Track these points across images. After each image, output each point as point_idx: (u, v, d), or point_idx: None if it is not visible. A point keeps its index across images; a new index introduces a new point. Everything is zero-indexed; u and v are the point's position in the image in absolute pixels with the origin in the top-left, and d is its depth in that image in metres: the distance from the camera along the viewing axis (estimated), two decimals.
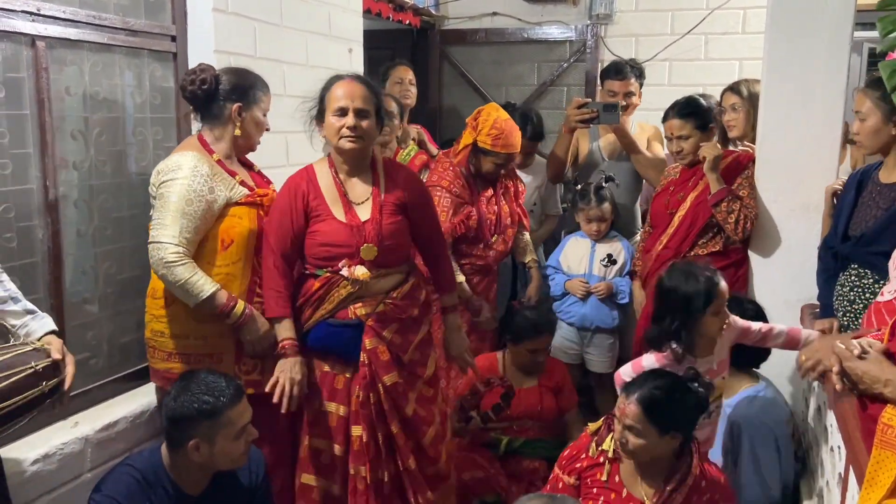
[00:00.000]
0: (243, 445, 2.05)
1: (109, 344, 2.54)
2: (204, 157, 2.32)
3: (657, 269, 3.05)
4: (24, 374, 1.76)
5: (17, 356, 1.78)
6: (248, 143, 2.47)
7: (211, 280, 2.25)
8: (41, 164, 2.24)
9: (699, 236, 2.99)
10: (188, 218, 2.22)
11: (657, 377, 2.15)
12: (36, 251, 2.27)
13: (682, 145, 3.04)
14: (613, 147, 3.66)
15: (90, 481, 2.27)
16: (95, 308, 2.50)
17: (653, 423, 2.05)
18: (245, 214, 2.37)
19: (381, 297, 2.39)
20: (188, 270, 2.20)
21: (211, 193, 2.27)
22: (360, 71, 3.79)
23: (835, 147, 2.85)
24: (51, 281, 2.31)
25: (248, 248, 2.37)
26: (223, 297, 2.27)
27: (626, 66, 3.66)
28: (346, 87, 2.33)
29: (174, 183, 2.24)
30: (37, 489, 2.13)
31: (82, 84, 2.38)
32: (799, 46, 2.82)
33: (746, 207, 2.90)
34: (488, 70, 5.09)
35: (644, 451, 2.10)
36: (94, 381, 2.46)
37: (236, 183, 2.37)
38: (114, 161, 2.52)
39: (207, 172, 2.28)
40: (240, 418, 2.03)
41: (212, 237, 2.31)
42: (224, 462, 2.04)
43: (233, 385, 2.06)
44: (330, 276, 2.37)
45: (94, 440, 2.31)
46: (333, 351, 2.42)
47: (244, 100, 2.39)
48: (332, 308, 2.37)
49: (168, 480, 2.04)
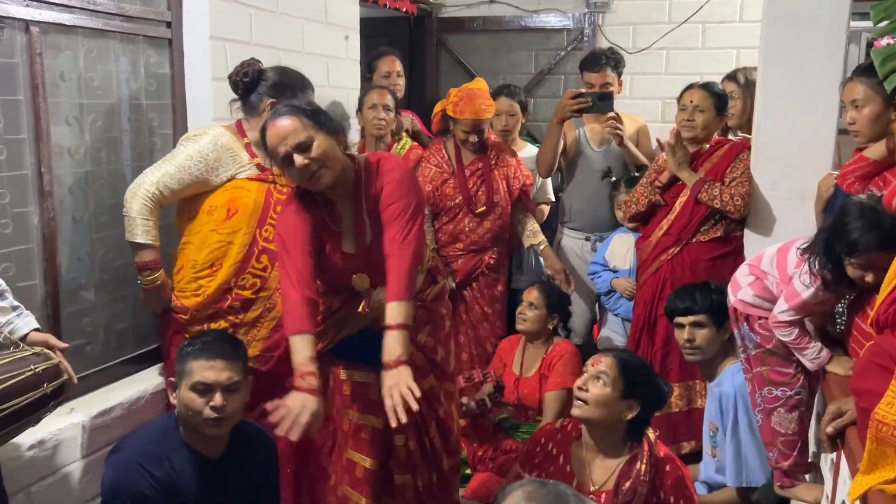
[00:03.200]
0: (199, 404, 1.99)
1: (105, 330, 2.54)
2: (231, 136, 2.45)
3: (657, 257, 3.05)
4: (24, 377, 1.77)
5: (15, 360, 1.80)
6: (255, 139, 2.44)
7: (153, 235, 2.34)
8: (36, 150, 2.23)
9: (702, 223, 2.98)
10: (181, 172, 2.35)
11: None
12: (31, 237, 2.26)
13: (695, 116, 2.99)
14: (601, 136, 3.65)
15: (86, 467, 2.28)
16: (91, 295, 2.50)
17: (622, 376, 2.10)
18: (254, 188, 2.44)
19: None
20: (142, 211, 2.32)
21: (217, 162, 2.40)
22: (356, 58, 3.78)
23: (831, 136, 2.84)
24: (46, 267, 2.30)
25: (251, 219, 2.42)
26: (147, 256, 2.35)
27: (602, 56, 3.62)
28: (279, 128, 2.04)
29: (190, 143, 2.41)
30: (32, 475, 2.13)
31: (77, 70, 2.36)
32: (796, 35, 2.81)
33: (731, 186, 2.90)
34: (486, 58, 5.06)
35: (601, 406, 2.08)
36: (90, 367, 2.46)
37: (253, 164, 2.46)
38: (109, 147, 2.51)
39: (224, 146, 2.42)
40: (200, 372, 1.99)
41: (219, 206, 2.41)
42: (189, 415, 2.02)
43: (220, 344, 2.06)
44: (345, 296, 2.26)
45: (89, 426, 2.31)
46: (367, 361, 2.21)
47: (280, 97, 2.40)
48: (359, 324, 2.27)
49: (181, 441, 2.06)
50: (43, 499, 2.16)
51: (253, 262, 2.43)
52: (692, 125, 3.01)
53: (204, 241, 2.41)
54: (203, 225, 2.42)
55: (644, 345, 3.09)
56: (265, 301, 2.46)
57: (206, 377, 2.00)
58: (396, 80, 3.77)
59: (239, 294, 2.43)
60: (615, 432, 2.13)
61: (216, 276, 2.40)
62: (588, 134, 3.67)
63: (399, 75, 3.79)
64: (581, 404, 2.12)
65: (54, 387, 1.85)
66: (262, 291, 2.45)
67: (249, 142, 2.47)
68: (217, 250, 2.41)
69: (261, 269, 2.44)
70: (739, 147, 3.03)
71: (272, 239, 2.38)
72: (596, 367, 2.14)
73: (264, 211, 2.44)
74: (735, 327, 2.37)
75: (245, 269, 2.42)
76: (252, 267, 2.43)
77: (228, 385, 2.02)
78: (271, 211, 2.44)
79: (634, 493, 2.06)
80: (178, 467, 2.04)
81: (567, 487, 1.43)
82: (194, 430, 2.07)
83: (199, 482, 2.06)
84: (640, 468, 2.07)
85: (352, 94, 3.61)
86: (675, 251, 3.02)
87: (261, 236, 2.43)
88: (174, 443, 2.06)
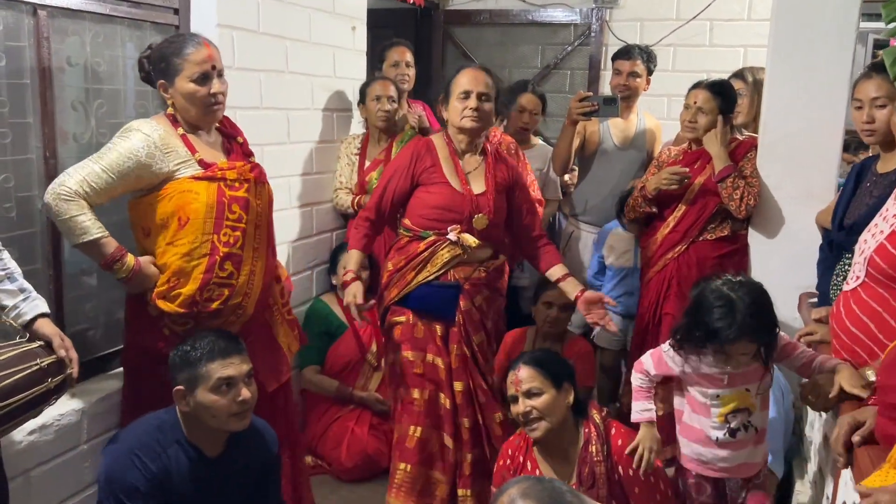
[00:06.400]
0: (226, 402, 1.99)
1: (107, 316, 2.54)
2: (163, 129, 2.22)
3: (663, 254, 3.04)
4: (30, 371, 1.76)
5: (21, 353, 1.79)
6: (194, 118, 2.26)
7: (101, 227, 2.11)
8: (41, 135, 2.23)
9: (709, 221, 2.97)
10: (109, 173, 2.11)
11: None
12: (35, 222, 2.26)
13: (698, 118, 2.97)
14: (625, 134, 3.64)
15: (86, 453, 2.28)
16: (94, 280, 2.49)
17: (546, 375, 2.20)
18: (203, 190, 2.22)
19: (476, 265, 2.68)
20: (73, 208, 2.06)
21: (149, 159, 2.16)
22: (362, 49, 3.77)
23: (837, 136, 2.83)
24: (50, 252, 2.30)
25: (206, 224, 2.21)
26: (110, 247, 2.12)
27: (635, 47, 3.67)
28: (469, 74, 2.62)
29: (121, 142, 2.16)
30: (32, 459, 2.13)
31: (84, 55, 2.36)
32: (804, 35, 2.80)
33: (750, 185, 2.89)
34: (492, 51, 5.05)
35: (550, 412, 2.17)
36: (92, 353, 2.46)
37: (193, 160, 2.23)
38: (114, 133, 2.48)
39: (159, 140, 2.18)
40: (220, 370, 1.99)
41: (170, 216, 2.20)
42: (209, 416, 2.01)
43: (225, 341, 2.05)
44: (435, 239, 2.62)
45: (90, 412, 2.31)
46: (431, 310, 2.65)
47: (165, 75, 2.22)
48: (436, 271, 2.62)
49: (182, 436, 2.05)
50: (42, 484, 2.16)
51: (216, 271, 2.23)
52: (694, 127, 2.99)
53: (162, 256, 2.22)
54: (161, 239, 2.22)
55: (649, 344, 3.05)
56: (234, 310, 2.30)
57: (229, 373, 2.00)
58: (406, 70, 3.74)
59: (204, 309, 2.24)
60: (565, 423, 2.22)
61: (181, 291, 2.21)
62: (612, 130, 3.66)
63: (409, 65, 3.77)
64: (535, 426, 2.19)
65: (58, 381, 1.85)
66: (232, 299, 2.28)
67: (185, 132, 2.26)
68: (176, 265, 2.20)
69: (225, 276, 2.25)
70: (748, 146, 3.02)
71: (233, 242, 2.25)
72: (521, 386, 2.21)
73: (218, 213, 2.22)
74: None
75: (209, 280, 2.22)
76: (216, 277, 2.23)
77: (248, 375, 2.06)
78: (226, 211, 2.24)
79: (594, 475, 2.16)
80: (174, 462, 2.02)
81: (562, 484, 1.42)
82: (201, 429, 2.05)
83: (195, 479, 2.04)
84: (592, 451, 2.19)
85: (357, 85, 3.60)
86: (682, 249, 3.01)
87: (220, 241, 2.23)
88: (173, 437, 2.04)
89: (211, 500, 2.09)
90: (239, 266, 2.29)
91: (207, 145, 2.32)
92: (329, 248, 3.64)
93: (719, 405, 2.16)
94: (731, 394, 2.15)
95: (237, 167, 2.31)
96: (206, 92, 2.22)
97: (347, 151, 3.59)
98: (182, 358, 2.03)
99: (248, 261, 2.32)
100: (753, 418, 2.17)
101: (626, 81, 3.59)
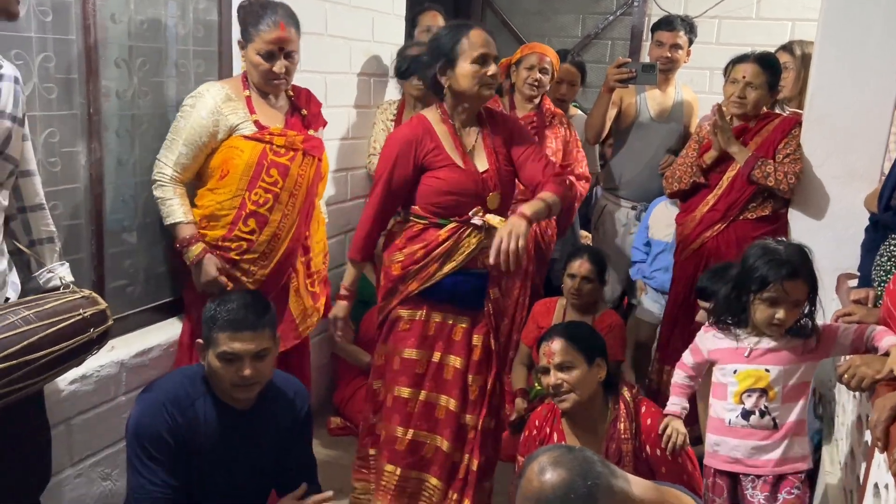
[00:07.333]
0: (229, 373, 1.98)
1: (146, 273, 2.58)
2: (229, 90, 2.43)
3: (701, 233, 2.99)
4: (73, 321, 1.80)
5: (66, 303, 1.83)
6: (257, 84, 2.47)
7: (187, 213, 2.40)
8: (85, 91, 2.25)
9: (751, 200, 2.91)
10: (189, 146, 2.38)
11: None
12: (78, 177, 2.29)
13: (746, 92, 2.88)
14: (662, 108, 3.58)
15: (124, 404, 2.34)
16: (133, 238, 2.53)
17: (579, 349, 2.18)
18: (249, 149, 2.41)
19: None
20: (167, 193, 2.40)
21: (215, 126, 2.40)
22: (401, 14, 3.74)
23: (886, 114, 2.76)
24: (92, 208, 2.34)
25: (241, 180, 2.40)
26: (185, 232, 2.39)
27: (677, 18, 3.61)
28: (483, 35, 2.30)
29: (191, 111, 2.39)
30: (73, 408, 2.19)
31: (127, 12, 2.37)
32: (855, 10, 2.72)
33: (784, 164, 2.82)
34: (531, 20, 4.98)
35: (580, 386, 2.16)
36: (131, 308, 2.51)
37: (250, 121, 2.43)
38: (155, 91, 2.52)
39: (220, 105, 2.40)
40: (227, 343, 1.96)
41: (216, 167, 2.43)
42: (216, 379, 2.02)
43: (245, 313, 1.99)
44: (458, 226, 2.36)
45: (129, 365, 2.37)
46: (457, 302, 2.41)
47: (243, 36, 2.44)
48: (463, 260, 2.36)
49: (210, 389, 2.05)
50: (82, 432, 2.23)
51: (240, 225, 2.42)
52: (742, 102, 2.90)
53: (201, 199, 2.45)
54: (203, 183, 2.46)
55: (681, 323, 3.05)
56: (250, 264, 2.46)
57: (234, 348, 1.96)
58: None
59: (223, 255, 2.43)
60: (595, 397, 2.21)
61: (209, 234, 2.43)
62: (648, 102, 3.61)
63: None
64: (565, 398, 2.18)
65: (100, 332, 1.88)
66: (247, 254, 2.45)
67: (250, 95, 2.46)
68: (210, 209, 2.42)
69: (247, 232, 2.43)
70: (792, 122, 2.95)
71: (262, 202, 2.41)
72: (554, 359, 2.18)
73: (255, 173, 2.40)
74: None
75: (232, 231, 2.41)
76: (239, 230, 2.42)
77: (257, 353, 1.99)
78: (263, 173, 2.41)
79: (620, 452, 2.16)
80: (202, 415, 2.03)
81: (593, 453, 1.41)
82: (216, 378, 2.06)
83: (223, 432, 2.04)
84: (620, 428, 2.18)
85: (395, 50, 3.58)
86: (721, 228, 2.95)
87: (250, 199, 2.41)
88: (201, 390, 2.05)
89: (239, 454, 2.08)
90: (262, 226, 2.44)
91: (271, 109, 2.51)
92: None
93: (735, 383, 2.12)
94: (748, 370, 2.10)
95: (288, 135, 2.47)
96: (268, 68, 2.41)
97: (383, 118, 3.58)
98: (207, 314, 2.02)
99: (273, 224, 2.46)
100: (772, 407, 2.09)
101: (668, 53, 3.53)
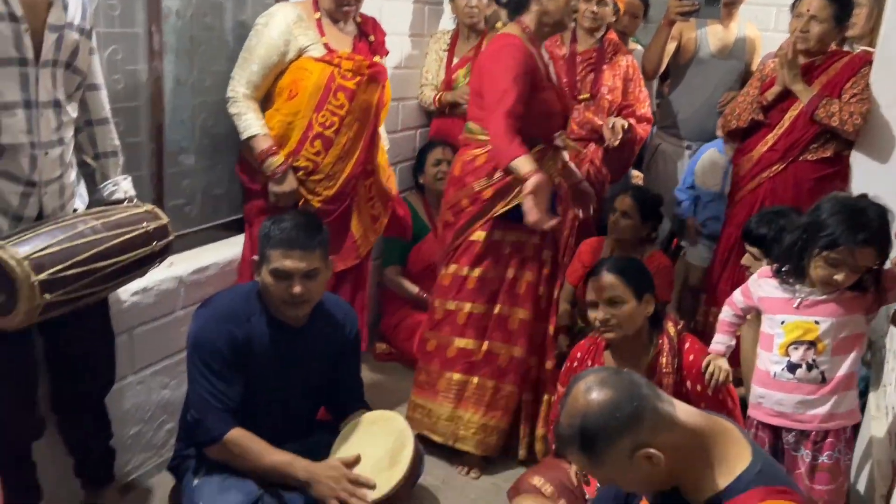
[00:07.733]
0: (280, 290, 2.01)
1: (203, 194, 2.64)
2: (300, 12, 2.46)
3: (758, 173, 2.91)
4: (137, 233, 1.87)
5: (131, 216, 1.90)
6: (328, 8, 2.50)
7: (262, 125, 2.44)
8: (147, 10, 2.27)
9: (813, 140, 2.81)
10: (260, 65, 2.42)
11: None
12: (139, 95, 2.33)
13: (811, 27, 2.76)
14: (723, 44, 3.46)
15: (182, 318, 2.42)
16: (192, 158, 2.58)
17: (629, 284, 2.15)
18: (317, 70, 2.44)
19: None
20: (242, 108, 2.43)
21: (286, 46, 2.42)
22: None
23: None
24: (152, 127, 2.38)
25: (309, 101, 2.44)
26: (264, 144, 2.42)
27: None
28: None
29: (263, 30, 2.42)
30: (134, 319, 2.28)
31: None
32: None
33: (850, 104, 2.71)
34: None
35: (628, 322, 2.15)
36: (189, 227, 2.58)
37: (319, 43, 2.46)
38: (214, 12, 2.53)
39: (291, 26, 2.42)
40: (278, 260, 1.98)
41: (285, 87, 2.46)
42: (268, 295, 2.06)
43: (297, 232, 2.00)
44: (545, 148, 2.49)
45: (187, 281, 2.44)
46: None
47: None
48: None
49: (263, 307, 2.10)
50: (144, 341, 2.33)
51: (307, 145, 2.46)
52: (806, 36, 2.78)
53: (270, 119, 2.47)
54: (274, 105, 2.48)
55: (731, 266, 2.99)
56: (315, 184, 2.50)
57: (285, 265, 1.98)
58: None
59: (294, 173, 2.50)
60: (640, 332, 2.20)
61: (281, 151, 2.46)
62: (709, 38, 3.48)
63: None
64: (611, 329, 2.16)
65: (162, 245, 1.96)
66: (314, 175, 2.49)
67: (320, 17, 2.48)
68: (277, 130, 2.45)
69: (314, 153, 2.47)
70: (861, 61, 2.81)
71: (328, 125, 2.46)
72: (603, 294, 2.15)
73: (323, 95, 2.43)
74: None
75: (299, 151, 2.46)
76: (306, 151, 2.46)
77: (307, 272, 2.01)
78: (330, 96, 2.44)
79: (661, 387, 2.12)
80: (257, 330, 2.07)
81: (640, 377, 1.41)
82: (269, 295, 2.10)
83: (276, 348, 2.10)
84: (662, 362, 2.18)
85: None
86: (779, 168, 2.86)
87: (317, 121, 2.45)
88: (257, 307, 2.10)
89: (291, 371, 2.15)
90: (328, 148, 2.48)
91: (340, 33, 2.54)
92: (413, 145, 3.64)
93: (782, 334, 2.06)
94: (797, 321, 2.03)
95: (355, 60, 2.48)
96: None
97: (436, 48, 3.54)
98: (263, 232, 2.05)
99: (338, 146, 2.49)
100: (821, 360, 2.01)
101: None
